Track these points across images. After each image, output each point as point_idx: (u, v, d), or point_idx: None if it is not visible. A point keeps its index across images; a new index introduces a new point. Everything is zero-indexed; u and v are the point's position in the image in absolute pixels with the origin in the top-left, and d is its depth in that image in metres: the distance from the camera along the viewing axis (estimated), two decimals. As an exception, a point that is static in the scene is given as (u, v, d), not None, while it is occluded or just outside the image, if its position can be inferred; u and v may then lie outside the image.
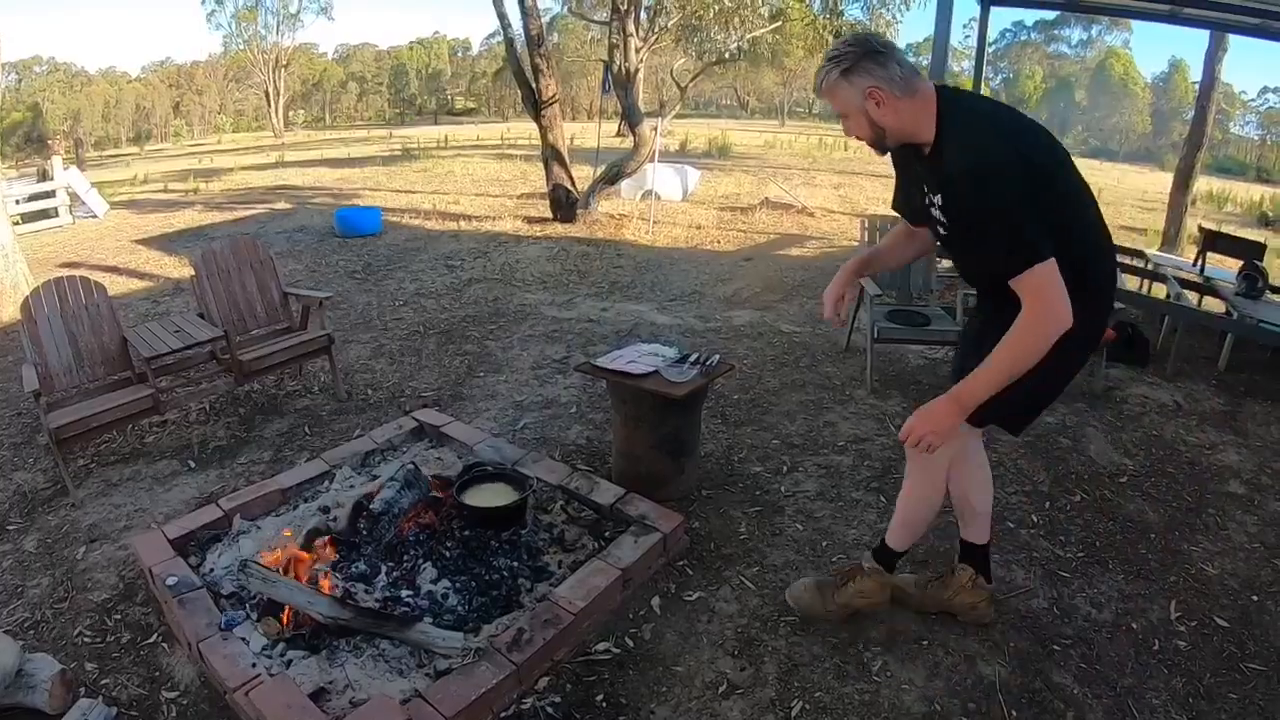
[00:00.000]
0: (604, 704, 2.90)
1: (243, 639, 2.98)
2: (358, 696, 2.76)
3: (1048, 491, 4.31)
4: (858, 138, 2.58)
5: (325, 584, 3.18)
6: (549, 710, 2.87)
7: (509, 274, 9.20)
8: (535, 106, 11.92)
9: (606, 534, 3.74)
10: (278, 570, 3.16)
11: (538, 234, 11.12)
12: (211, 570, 3.41)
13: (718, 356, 4.08)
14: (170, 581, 3.17)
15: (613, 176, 12.06)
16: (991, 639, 3.13)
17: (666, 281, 8.99)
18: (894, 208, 2.99)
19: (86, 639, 3.33)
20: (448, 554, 3.52)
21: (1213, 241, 7.71)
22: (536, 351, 6.64)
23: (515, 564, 3.49)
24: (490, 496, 3.78)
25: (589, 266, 9.59)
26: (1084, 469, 4.58)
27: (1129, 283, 7.54)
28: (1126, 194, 16.53)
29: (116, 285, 8.50)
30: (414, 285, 8.74)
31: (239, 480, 4.56)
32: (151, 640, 3.29)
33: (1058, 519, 4.05)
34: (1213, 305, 7.18)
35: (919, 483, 2.96)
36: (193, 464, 4.77)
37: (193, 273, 5.65)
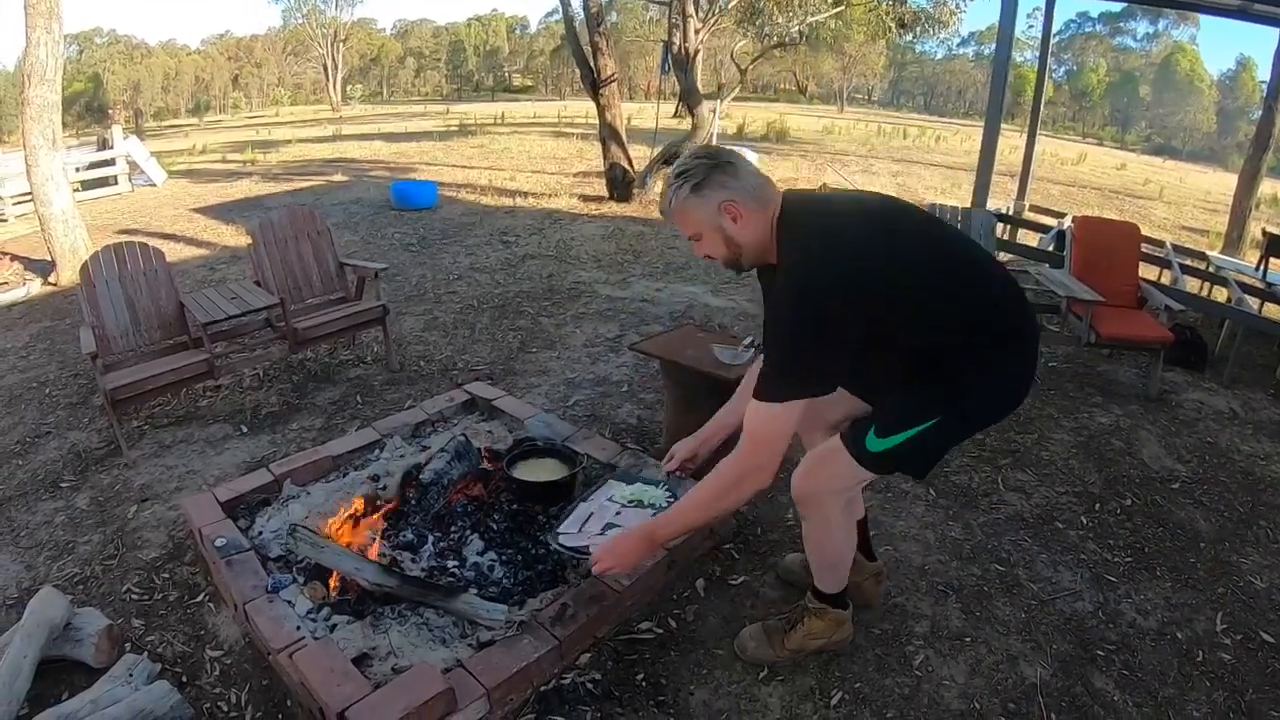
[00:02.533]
0: (644, 683, 2.87)
1: (288, 602, 2.96)
2: (400, 663, 2.73)
3: (1098, 493, 4.22)
4: (709, 257, 2.41)
5: (372, 551, 3.16)
6: (589, 686, 2.84)
7: (564, 251, 9.16)
8: (594, 85, 11.86)
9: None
10: (326, 536, 3.14)
11: (593, 212, 11.06)
12: (260, 534, 3.40)
13: (753, 337, 3.97)
14: (219, 543, 3.17)
15: (670, 157, 11.89)
16: (1035, 640, 3.09)
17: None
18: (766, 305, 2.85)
19: (134, 596, 3.34)
20: (495, 527, 3.48)
21: (1277, 247, 7.55)
22: (590, 329, 6.60)
23: (562, 539, 3.43)
24: (540, 471, 3.73)
25: (644, 246, 9.50)
26: (1136, 472, 4.46)
27: (1189, 285, 7.32)
28: (1189, 194, 16.10)
29: (174, 252, 8.57)
30: (468, 260, 8.74)
31: (290, 446, 4.57)
32: (198, 600, 3.30)
33: (1107, 522, 3.96)
34: (1274, 312, 6.97)
35: (815, 527, 2.73)
36: (245, 429, 4.80)
37: (249, 241, 5.66)
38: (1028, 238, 9.00)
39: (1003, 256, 7.25)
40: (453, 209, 11.02)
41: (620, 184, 11.67)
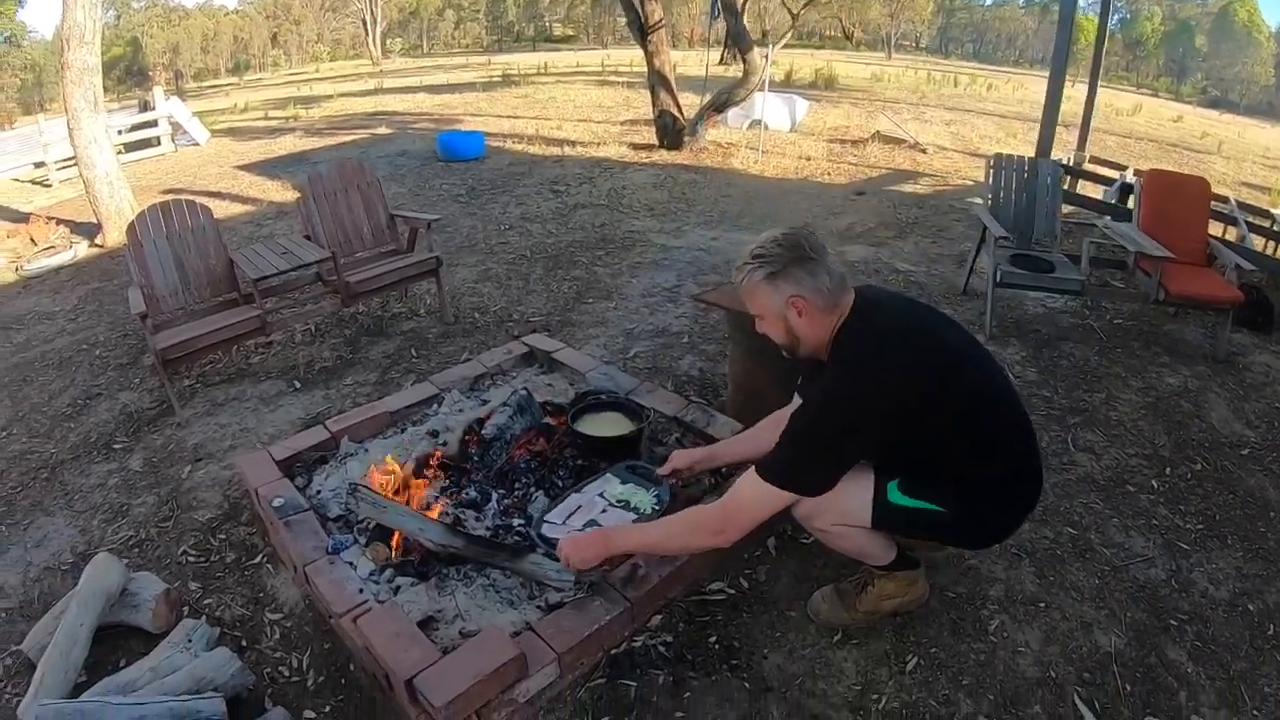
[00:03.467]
0: (716, 646, 2.78)
1: (350, 564, 2.82)
2: (467, 627, 2.59)
3: (1168, 457, 4.07)
4: (765, 335, 2.48)
5: (435, 510, 3.01)
6: (660, 649, 2.76)
7: (615, 200, 8.95)
8: (641, 31, 11.55)
9: (724, 470, 3.51)
10: (387, 495, 3.00)
11: (643, 160, 10.81)
12: (318, 492, 3.26)
13: None
14: (276, 503, 3.03)
15: (721, 104, 11.60)
16: (1109, 607, 3.00)
17: (776, 212, 8.62)
18: (797, 386, 2.82)
19: (191, 558, 3.26)
20: (560, 483, 3.34)
21: None
22: (646, 279, 6.41)
23: (630, 496, 3.27)
24: (605, 426, 3.57)
25: (697, 195, 9.26)
26: (1205, 436, 4.29)
27: (1255, 243, 7.00)
28: (1248, 149, 15.50)
29: (220, 209, 8.52)
30: (519, 210, 8.57)
31: (345, 402, 4.46)
32: (256, 561, 3.21)
33: (1178, 486, 3.82)
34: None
35: (824, 539, 2.64)
36: (298, 385, 4.70)
37: (297, 196, 5.55)
38: (1087, 189, 8.66)
39: (1067, 209, 6.94)
40: (500, 159, 10.83)
41: (670, 132, 11.36)
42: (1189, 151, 14.42)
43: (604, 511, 3.09)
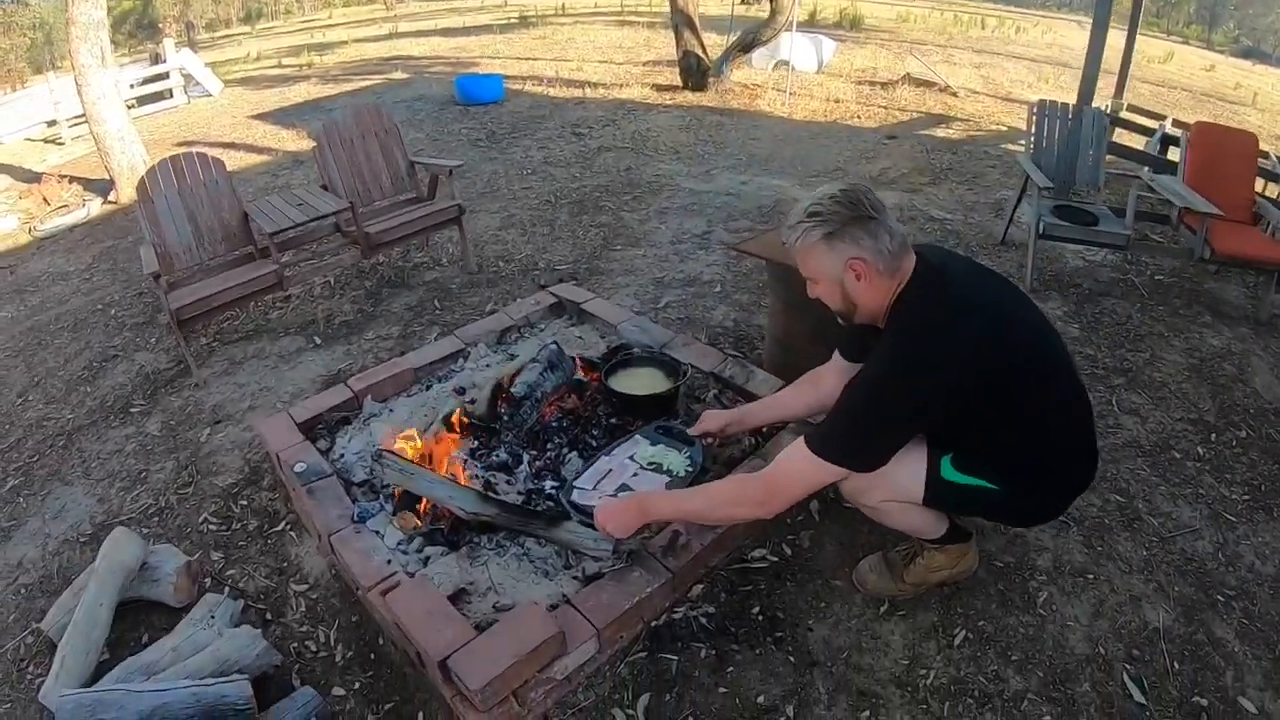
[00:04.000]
0: (760, 617, 2.66)
1: (377, 532, 2.69)
2: (501, 601, 2.45)
3: (1213, 422, 3.92)
4: (819, 300, 2.30)
5: (464, 475, 2.86)
6: (702, 621, 2.63)
7: (640, 143, 8.68)
8: (664, -31, 11.14)
9: (764, 429, 3.34)
10: (414, 459, 2.85)
11: (667, 102, 10.49)
12: (342, 456, 3.12)
13: None
14: (299, 469, 2.89)
15: (748, 44, 11.21)
16: (1157, 580, 2.89)
17: (807, 156, 8.32)
18: (839, 343, 2.70)
19: (212, 526, 3.14)
20: (594, 443, 3.18)
21: None
22: (675, 225, 6.19)
23: (668, 457, 3.11)
24: (640, 382, 3.41)
25: (724, 137, 8.97)
26: (1249, 402, 4.14)
27: None
28: None
29: (233, 161, 8.33)
30: (541, 154, 8.32)
31: (366, 357, 4.31)
32: (279, 529, 3.08)
33: (1223, 454, 3.67)
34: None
35: (874, 516, 2.50)
36: (318, 340, 4.55)
37: (313, 144, 5.34)
38: (1125, 138, 8.34)
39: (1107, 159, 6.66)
40: (520, 102, 10.54)
41: (695, 73, 10.99)
42: (1223, 103, 13.94)
43: (635, 475, 2.93)
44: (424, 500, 2.73)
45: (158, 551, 2.78)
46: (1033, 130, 5.87)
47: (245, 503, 3.24)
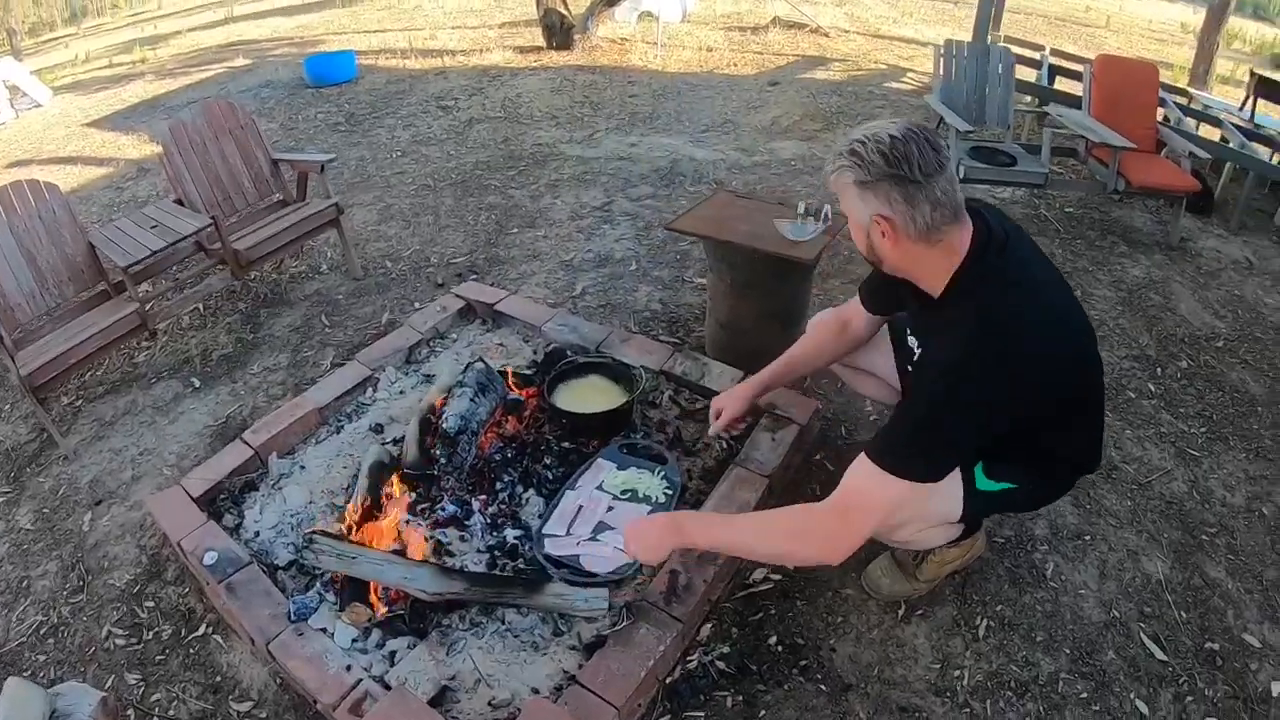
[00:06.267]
0: (779, 647, 2.46)
1: (323, 630, 2.27)
2: (496, 695, 2.10)
3: (1154, 356, 4.07)
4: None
5: (414, 542, 2.44)
6: (719, 665, 2.38)
7: (513, 110, 8.15)
8: (518, -75, 10.55)
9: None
10: (348, 532, 2.42)
11: (533, 64, 9.93)
12: (256, 535, 2.66)
13: (829, 206, 3.21)
14: (209, 560, 2.43)
15: (613, -5, 10.79)
16: (1147, 530, 2.97)
17: (692, 110, 8.00)
18: (861, 291, 2.48)
19: (119, 641, 2.63)
20: (550, 475, 2.82)
21: (1266, 87, 7.14)
22: (571, 198, 5.77)
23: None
24: (588, 395, 3.07)
25: (601, 97, 8.54)
26: (1181, 330, 4.33)
27: (1189, 125, 6.79)
28: (1131, 22, 15.39)
29: (72, 177, 7.47)
30: (408, 132, 7.69)
31: (256, 396, 3.79)
32: (200, 632, 2.60)
33: (1172, 388, 3.84)
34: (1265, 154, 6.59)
35: (916, 545, 2.37)
36: (197, 382, 3.97)
37: (157, 149, 4.68)
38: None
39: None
40: (375, 78, 9.80)
41: (559, 31, 10.45)
42: (1079, 25, 14.25)
43: (611, 510, 2.62)
44: (372, 583, 2.30)
45: (64, 694, 2.26)
46: (940, 72, 5.79)
47: (152, 603, 2.72)
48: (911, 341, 2.25)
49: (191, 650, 2.53)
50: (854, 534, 1.87)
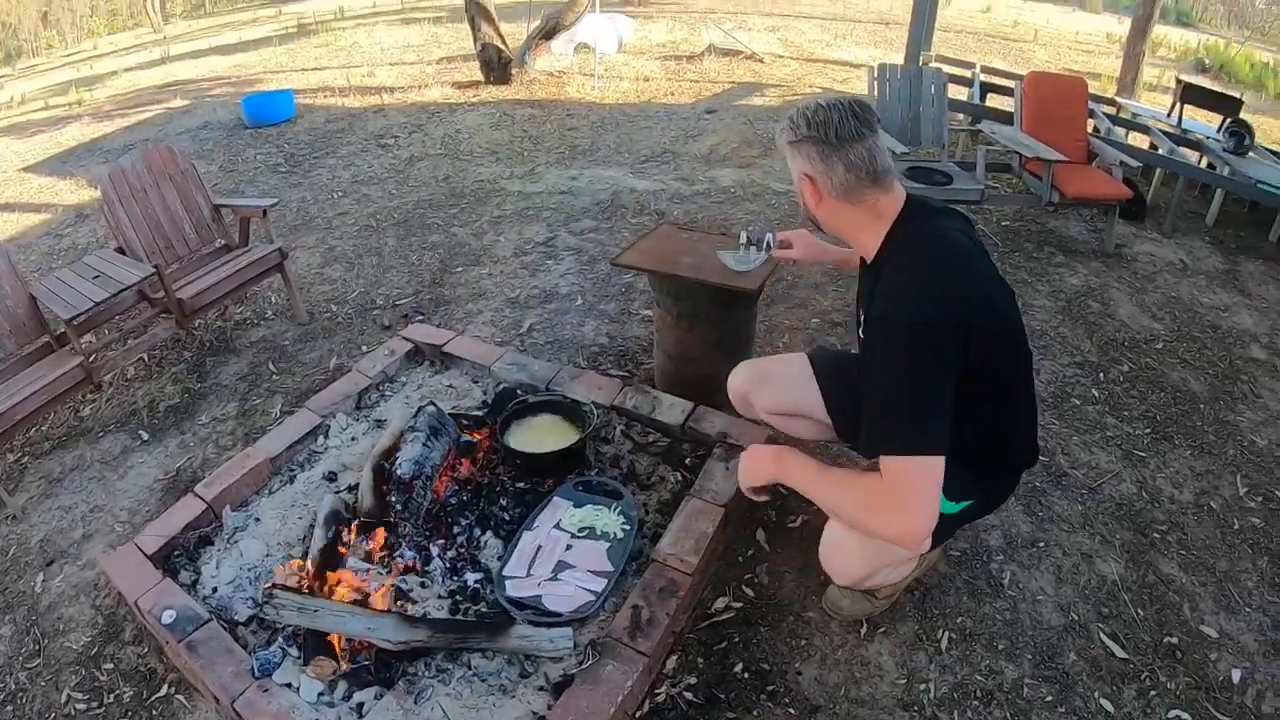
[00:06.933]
0: (745, 674, 2.48)
1: (288, 685, 2.27)
2: (470, 743, 2.09)
3: (1096, 362, 4.22)
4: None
5: (375, 591, 2.46)
6: (688, 696, 2.41)
7: (453, 147, 8.17)
8: (453, -39, 10.59)
9: (686, 461, 3.10)
10: (306, 583, 2.42)
11: (472, 100, 9.96)
12: (214, 590, 2.64)
13: (770, 235, 3.29)
14: (167, 619, 2.41)
15: (550, 30, 10.78)
16: (1099, 533, 3.07)
17: (631, 141, 8.09)
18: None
19: (80, 706, 2.59)
20: (507, 516, 2.84)
21: (1191, 94, 7.53)
22: (514, 234, 5.81)
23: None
24: (541, 435, 3.10)
25: (540, 131, 8.60)
26: (1121, 335, 4.49)
27: (1118, 134, 7.06)
28: (1059, 36, 15.87)
29: (9, 224, 7.33)
30: (349, 172, 7.67)
31: (206, 447, 3.77)
32: (162, 693, 2.57)
33: (1115, 392, 3.98)
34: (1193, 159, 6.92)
35: (888, 582, 2.52)
36: (145, 435, 3.93)
37: (96, 194, 4.63)
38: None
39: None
40: (314, 117, 9.76)
41: (497, 65, 10.51)
42: (1007, 41, 14.65)
43: (570, 548, 2.66)
44: (335, 635, 2.31)
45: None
46: (874, 94, 5.92)
47: (111, 665, 2.69)
48: (861, 316, 2.22)
49: (155, 712, 2.51)
50: (917, 514, 1.82)
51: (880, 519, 1.87)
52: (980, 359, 1.88)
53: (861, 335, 2.15)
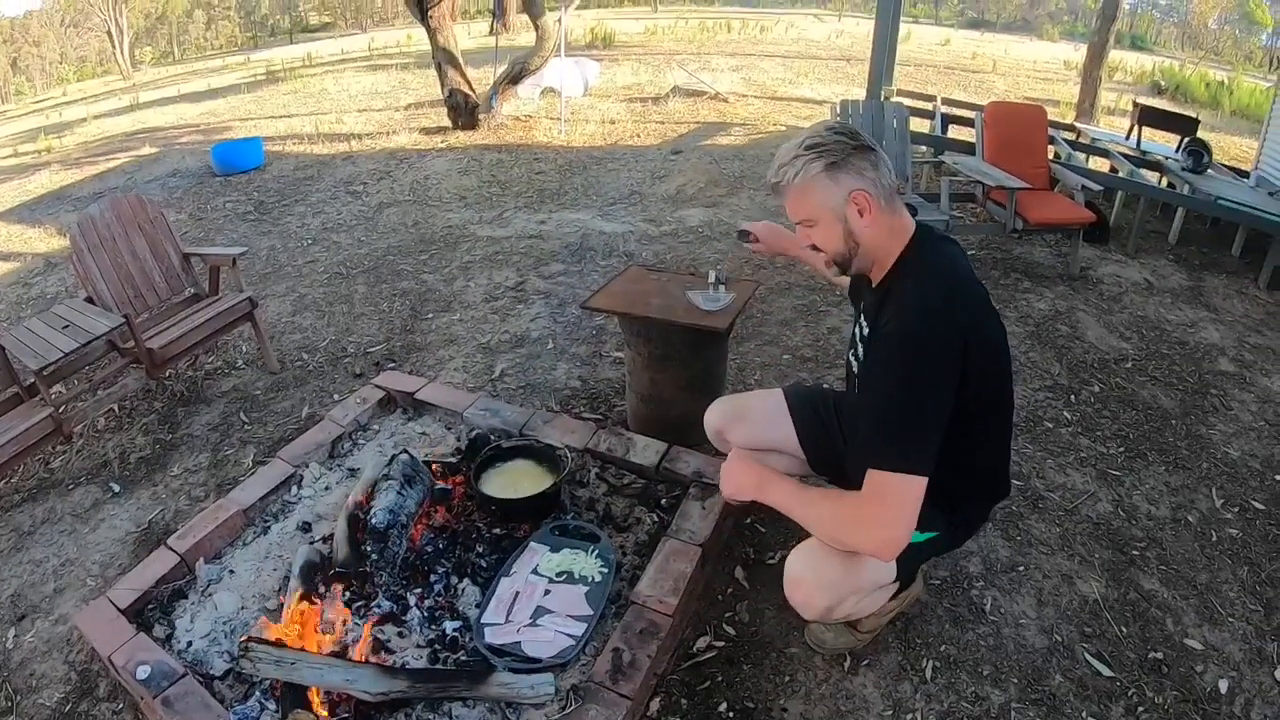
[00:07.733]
0: (730, 713, 2.48)
1: (268, 740, 2.24)
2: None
3: (1067, 384, 4.30)
4: (814, 247, 2.09)
5: (353, 642, 2.46)
6: None
7: (422, 193, 8.25)
8: (421, 8, 10.66)
9: (662, 501, 3.12)
10: (286, 638, 2.41)
11: (440, 145, 10.08)
12: (189, 644, 2.62)
13: (718, 270, 3.36)
14: (142, 675, 2.39)
15: (516, 75, 10.93)
16: (1078, 553, 3.11)
17: (599, 184, 8.21)
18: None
19: (55, 763, 2.55)
20: (483, 563, 2.84)
21: (1149, 116, 7.78)
22: (484, 280, 5.86)
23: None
24: (515, 480, 3.12)
25: (508, 175, 8.70)
26: (1090, 356, 4.59)
27: (1079, 159, 7.28)
28: (1017, 65, 16.37)
29: (-24, 273, 7.32)
30: (318, 220, 7.72)
31: (178, 499, 3.74)
32: (140, 749, 2.54)
33: (1087, 413, 4.05)
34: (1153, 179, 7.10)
35: (859, 614, 2.43)
36: (116, 487, 3.90)
37: (65, 243, 4.62)
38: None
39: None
40: (283, 164, 9.81)
41: (464, 111, 10.64)
42: (967, 73, 15.01)
43: (548, 593, 2.65)
44: (314, 688, 2.30)
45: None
46: None
47: (87, 724, 2.68)
48: (862, 324, 2.22)
49: (133, 769, 2.49)
50: (896, 528, 1.84)
51: (861, 533, 1.89)
52: (974, 386, 1.91)
53: (858, 356, 2.19)
